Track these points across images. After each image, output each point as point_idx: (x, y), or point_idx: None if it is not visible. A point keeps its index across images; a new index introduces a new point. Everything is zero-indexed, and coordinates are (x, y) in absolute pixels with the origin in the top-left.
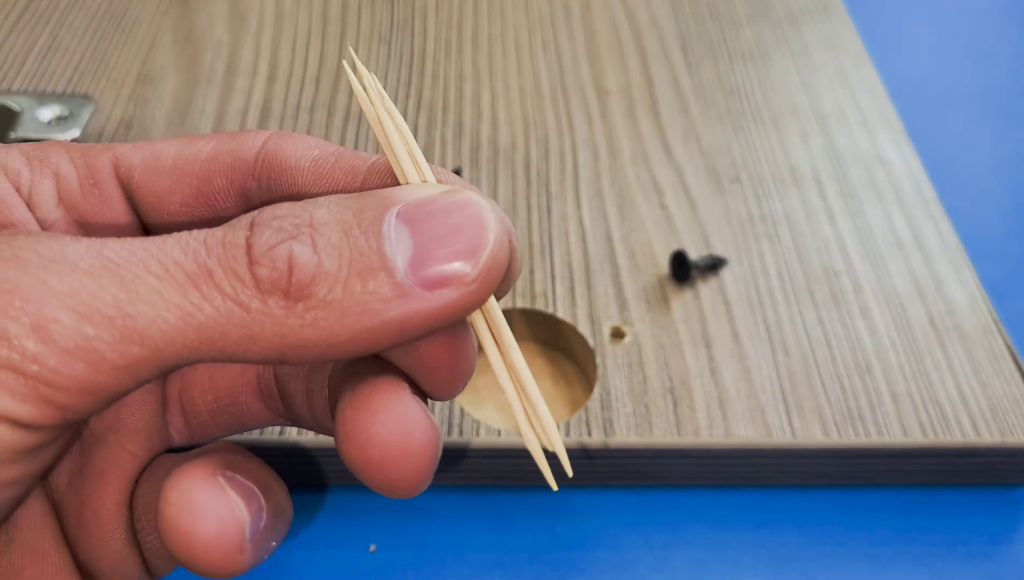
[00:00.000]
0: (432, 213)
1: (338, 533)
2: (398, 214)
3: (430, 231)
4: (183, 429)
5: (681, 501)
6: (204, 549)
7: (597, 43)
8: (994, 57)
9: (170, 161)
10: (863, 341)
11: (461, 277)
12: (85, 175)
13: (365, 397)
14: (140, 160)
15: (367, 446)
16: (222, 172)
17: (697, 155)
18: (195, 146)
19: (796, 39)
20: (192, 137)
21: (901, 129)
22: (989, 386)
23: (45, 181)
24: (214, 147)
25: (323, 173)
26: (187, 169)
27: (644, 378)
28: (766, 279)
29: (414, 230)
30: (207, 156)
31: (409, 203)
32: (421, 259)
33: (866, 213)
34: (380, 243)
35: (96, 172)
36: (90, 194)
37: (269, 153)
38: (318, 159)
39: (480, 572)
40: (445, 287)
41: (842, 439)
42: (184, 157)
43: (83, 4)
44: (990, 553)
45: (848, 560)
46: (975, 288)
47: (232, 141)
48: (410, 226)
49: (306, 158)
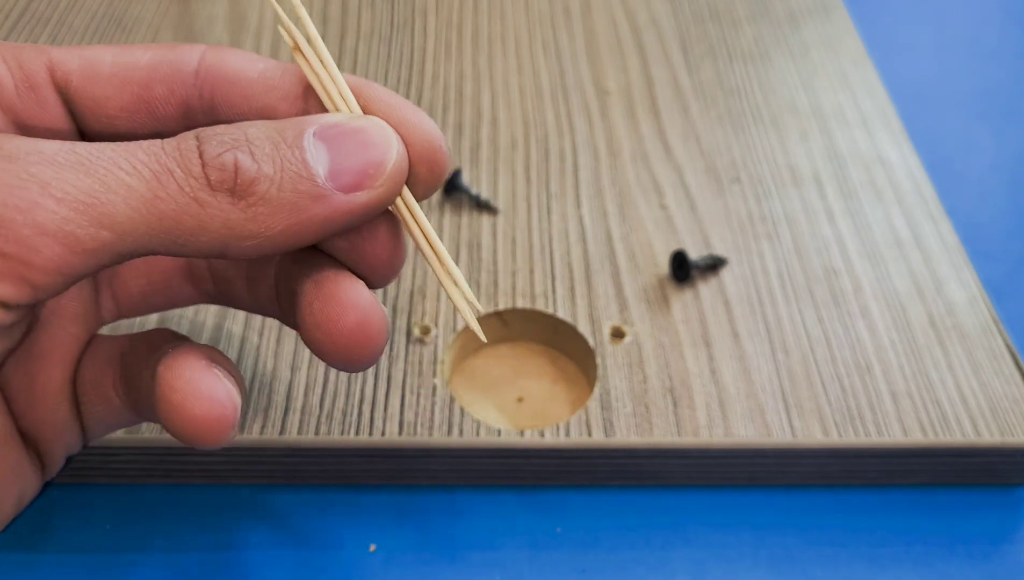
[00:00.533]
0: (343, 133)
1: (338, 533)
2: (315, 133)
3: (343, 148)
4: (113, 310)
5: (681, 501)
6: (207, 428)
7: (597, 43)
8: (994, 57)
9: (107, 68)
10: (863, 341)
11: (369, 183)
12: (20, 78)
13: (330, 291)
14: (77, 66)
15: (336, 334)
16: (162, 80)
17: (697, 155)
18: (132, 54)
19: (796, 39)
20: (127, 45)
21: (901, 129)
22: (989, 386)
23: None
24: (153, 56)
25: (271, 84)
26: (126, 76)
27: (644, 378)
28: (766, 279)
29: (330, 146)
30: (146, 64)
31: (322, 125)
32: (338, 169)
33: (866, 213)
34: (303, 155)
35: (32, 76)
36: (26, 97)
37: (212, 66)
38: (265, 71)
39: (480, 572)
40: (359, 190)
41: (842, 439)
42: (122, 64)
43: (83, 5)
44: (990, 553)
45: (848, 560)
46: (975, 288)
47: (170, 52)
48: (326, 143)
49: (253, 70)
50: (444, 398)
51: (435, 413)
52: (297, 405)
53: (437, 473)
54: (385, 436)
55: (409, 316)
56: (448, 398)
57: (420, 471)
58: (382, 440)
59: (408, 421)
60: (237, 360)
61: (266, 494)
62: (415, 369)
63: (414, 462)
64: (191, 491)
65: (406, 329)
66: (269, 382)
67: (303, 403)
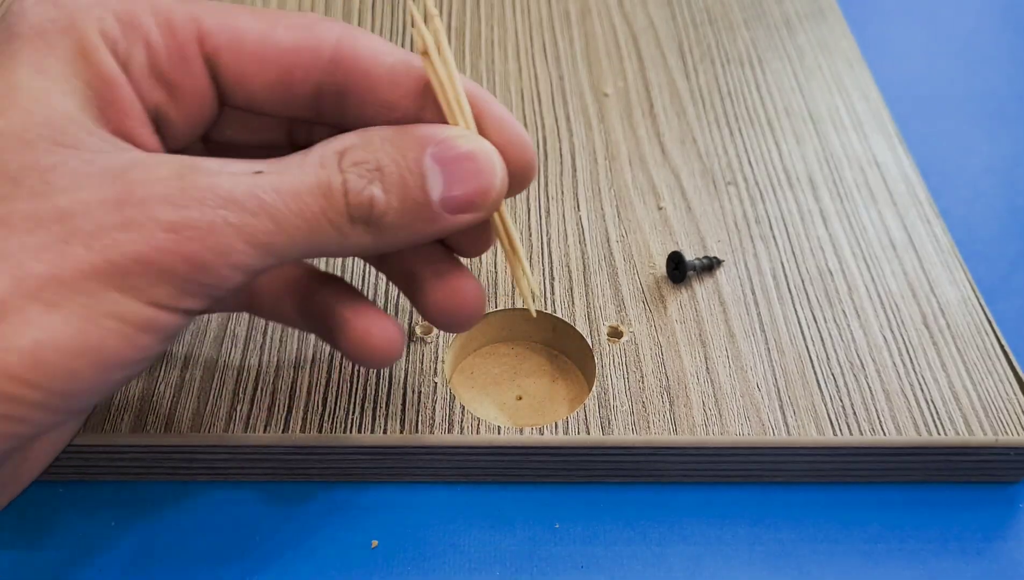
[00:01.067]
0: (457, 158)
1: (340, 529)
2: (432, 156)
3: (455, 174)
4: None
5: (677, 498)
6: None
7: (595, 48)
8: (988, 60)
9: (251, 45)
10: (857, 340)
11: (474, 208)
12: (173, 47)
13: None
14: (225, 40)
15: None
16: (301, 65)
17: (694, 157)
18: (275, 33)
19: (792, 43)
20: (267, 16)
21: (895, 131)
22: (982, 385)
23: (138, 50)
24: (294, 39)
25: (397, 80)
26: (268, 56)
27: (641, 377)
28: (761, 279)
29: (444, 170)
30: (288, 47)
31: (439, 146)
32: (450, 195)
33: (860, 214)
34: (423, 183)
35: (183, 46)
36: (177, 66)
37: (346, 56)
38: (394, 67)
39: (480, 568)
40: (466, 213)
41: (836, 437)
42: (266, 45)
43: None
44: (983, 550)
45: (842, 556)
46: (968, 288)
47: (310, 36)
48: (441, 166)
49: (383, 65)
50: (445, 396)
51: (436, 411)
52: (300, 403)
53: (438, 470)
54: (387, 434)
55: (411, 315)
56: (449, 396)
57: (421, 468)
58: (384, 438)
59: (409, 419)
60: (241, 360)
61: (269, 491)
62: (416, 368)
63: (415, 459)
64: (195, 488)
65: (407, 328)
66: (272, 381)
67: (306, 402)
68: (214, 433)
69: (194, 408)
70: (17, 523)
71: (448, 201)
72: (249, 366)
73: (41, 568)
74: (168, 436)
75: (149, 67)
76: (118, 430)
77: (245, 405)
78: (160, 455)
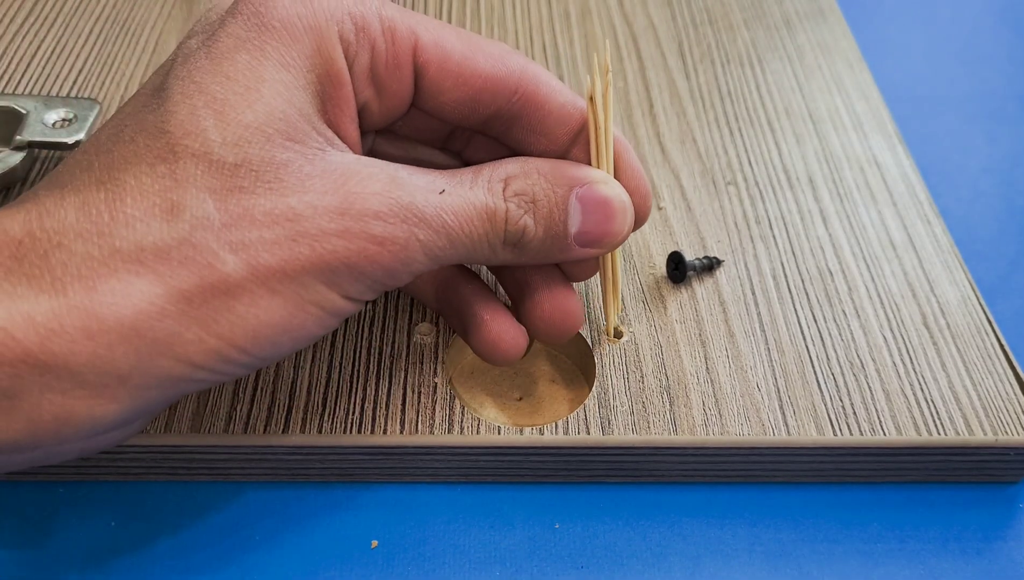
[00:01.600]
0: (597, 201)
1: (340, 529)
2: (578, 197)
3: (593, 215)
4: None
5: (677, 498)
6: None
7: (596, 48)
8: (987, 61)
9: (455, 65)
10: (857, 340)
11: (601, 246)
12: (391, 54)
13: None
14: (435, 56)
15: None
16: (490, 91)
17: (694, 158)
18: (476, 60)
19: (792, 43)
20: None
21: (895, 132)
22: (982, 385)
23: (364, 52)
24: (491, 69)
25: (563, 118)
26: (466, 78)
27: (641, 377)
28: (761, 279)
29: (584, 209)
30: (484, 74)
31: (585, 188)
32: (583, 232)
33: (860, 214)
34: (565, 218)
35: (400, 56)
36: (392, 71)
37: (528, 90)
38: (564, 105)
39: (480, 568)
40: (592, 248)
41: (836, 437)
42: (467, 67)
43: (87, 9)
44: (982, 550)
45: (842, 556)
46: (968, 288)
47: (503, 68)
48: (582, 206)
49: (555, 102)
50: (445, 397)
51: (436, 411)
52: (300, 403)
53: (438, 471)
54: (387, 434)
55: (411, 315)
56: (449, 397)
57: (421, 469)
58: (384, 438)
59: (409, 419)
60: None
61: (269, 491)
62: (416, 368)
63: (415, 460)
64: (195, 488)
65: (407, 328)
66: (272, 381)
67: (306, 402)
68: (214, 433)
69: (194, 408)
70: (17, 523)
71: (581, 236)
72: None
73: (41, 568)
74: (168, 436)
75: (369, 69)
76: None
77: (245, 405)
78: (160, 455)
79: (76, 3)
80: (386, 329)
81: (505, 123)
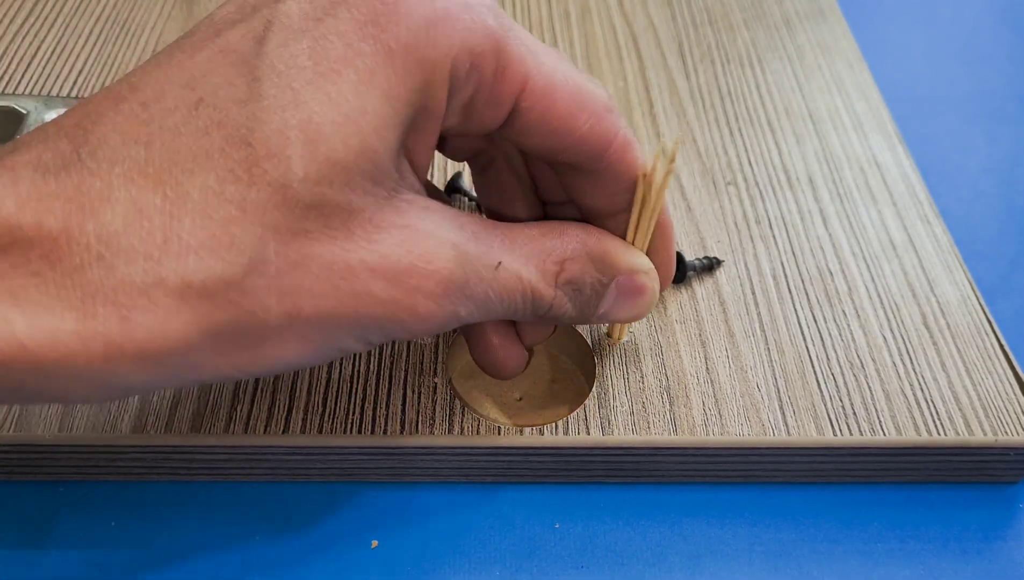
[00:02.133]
0: (632, 291)
1: (340, 529)
2: (617, 283)
3: (625, 303)
4: None
5: (677, 498)
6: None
7: (595, 48)
8: (987, 61)
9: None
10: (857, 340)
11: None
12: (494, 94)
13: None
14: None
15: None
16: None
17: (693, 158)
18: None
19: (792, 43)
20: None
21: (895, 131)
22: (982, 385)
23: (468, 89)
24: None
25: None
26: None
27: (641, 377)
28: (761, 279)
29: (619, 297)
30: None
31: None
32: (610, 312)
33: (860, 214)
34: (599, 302)
35: (502, 96)
36: (488, 108)
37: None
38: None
39: (480, 568)
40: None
41: (836, 437)
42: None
43: (87, 9)
44: (982, 550)
45: (842, 556)
46: (968, 288)
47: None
48: (619, 293)
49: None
50: (445, 397)
51: (436, 411)
52: (301, 404)
53: (438, 471)
54: (387, 434)
55: None
56: (449, 397)
57: (421, 469)
58: (384, 438)
59: (410, 419)
60: None
61: (269, 491)
62: (416, 368)
63: (415, 460)
64: (195, 488)
65: None
66: (272, 381)
67: (306, 402)
68: (214, 433)
69: (194, 408)
70: (17, 523)
71: (606, 316)
72: None
73: (41, 568)
74: (168, 436)
75: (467, 103)
76: (118, 430)
77: (245, 405)
78: (160, 455)
79: (76, 3)
80: None
81: (573, 170)
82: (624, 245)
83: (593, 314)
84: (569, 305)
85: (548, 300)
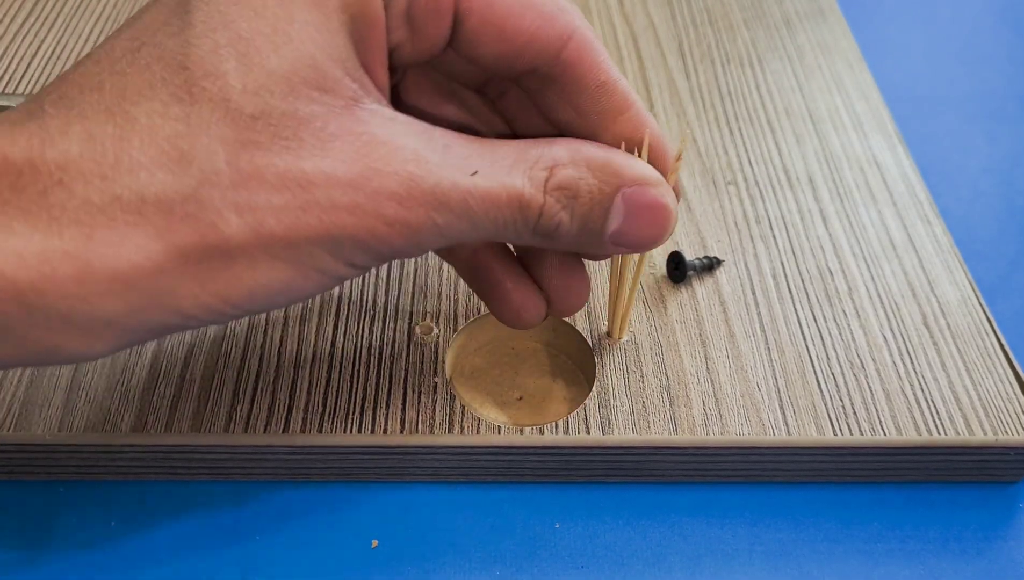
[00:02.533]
0: (644, 206)
1: (340, 529)
2: (624, 196)
3: (637, 221)
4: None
5: (677, 497)
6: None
7: None
8: (987, 60)
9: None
10: (857, 340)
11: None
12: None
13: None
14: (478, 5)
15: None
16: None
17: (693, 157)
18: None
19: (792, 43)
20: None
21: (895, 131)
22: (982, 385)
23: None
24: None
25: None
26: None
27: (641, 376)
28: (761, 279)
29: (628, 213)
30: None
31: (634, 189)
32: (621, 233)
33: (860, 214)
34: (605, 220)
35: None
36: (429, 15)
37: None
38: (603, 86)
39: (480, 567)
40: (624, 247)
41: (836, 437)
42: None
43: (87, 9)
44: (983, 550)
45: (842, 556)
46: (968, 288)
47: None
48: (627, 208)
49: (594, 81)
50: (445, 396)
51: (436, 411)
52: (301, 403)
53: (438, 470)
54: (387, 434)
55: (411, 315)
56: (449, 396)
57: (421, 468)
58: (384, 438)
59: (410, 419)
60: (241, 360)
61: (270, 490)
62: (416, 368)
63: (415, 459)
64: (195, 488)
65: (407, 328)
66: (272, 380)
67: (307, 401)
68: (214, 433)
69: (194, 408)
70: (17, 523)
71: (617, 236)
72: (249, 366)
73: (41, 568)
74: (168, 436)
75: (405, 10)
76: (118, 430)
77: (245, 405)
78: (160, 455)
79: (76, 3)
80: (386, 329)
81: (539, 82)
82: (627, 156)
83: (603, 233)
84: (565, 215)
85: (537, 207)
